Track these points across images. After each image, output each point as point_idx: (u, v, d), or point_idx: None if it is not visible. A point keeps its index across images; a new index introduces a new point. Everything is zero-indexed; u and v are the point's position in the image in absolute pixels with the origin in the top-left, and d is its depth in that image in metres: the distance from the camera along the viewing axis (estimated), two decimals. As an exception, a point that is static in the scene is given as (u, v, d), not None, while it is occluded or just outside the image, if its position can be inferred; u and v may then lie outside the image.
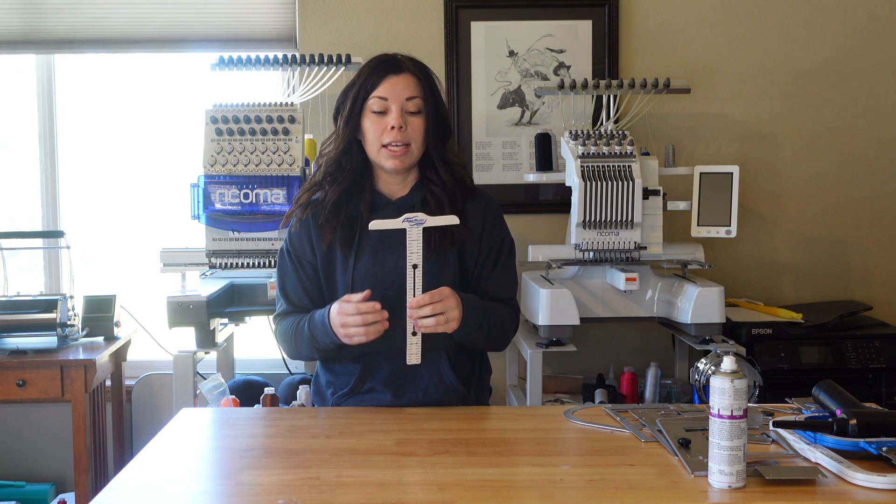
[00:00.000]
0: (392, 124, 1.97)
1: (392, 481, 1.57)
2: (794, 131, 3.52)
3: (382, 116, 1.99)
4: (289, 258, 2.11)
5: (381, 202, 2.07)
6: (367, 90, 2.00)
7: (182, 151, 3.59)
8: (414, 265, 1.92)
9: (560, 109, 3.39)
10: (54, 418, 3.56)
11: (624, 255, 2.91)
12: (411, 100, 1.99)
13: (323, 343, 2.00)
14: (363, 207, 2.05)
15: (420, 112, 2.01)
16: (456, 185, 2.06)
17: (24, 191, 3.70)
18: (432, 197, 2.05)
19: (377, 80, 2.00)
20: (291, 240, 2.10)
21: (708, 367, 1.90)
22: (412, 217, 1.92)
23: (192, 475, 1.66)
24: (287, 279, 2.11)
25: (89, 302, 3.31)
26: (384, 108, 1.99)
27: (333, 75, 3.08)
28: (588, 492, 1.53)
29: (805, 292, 3.55)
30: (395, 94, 1.98)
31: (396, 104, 1.98)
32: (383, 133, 1.99)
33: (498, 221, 2.13)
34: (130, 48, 3.53)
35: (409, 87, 1.99)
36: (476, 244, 2.08)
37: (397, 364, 2.00)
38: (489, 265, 2.11)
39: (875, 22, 3.50)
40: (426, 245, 1.95)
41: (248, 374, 3.29)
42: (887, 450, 1.57)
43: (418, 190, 2.08)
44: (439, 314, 1.91)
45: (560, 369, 3.41)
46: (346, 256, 2.03)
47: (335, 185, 2.06)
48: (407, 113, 1.99)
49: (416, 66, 2.04)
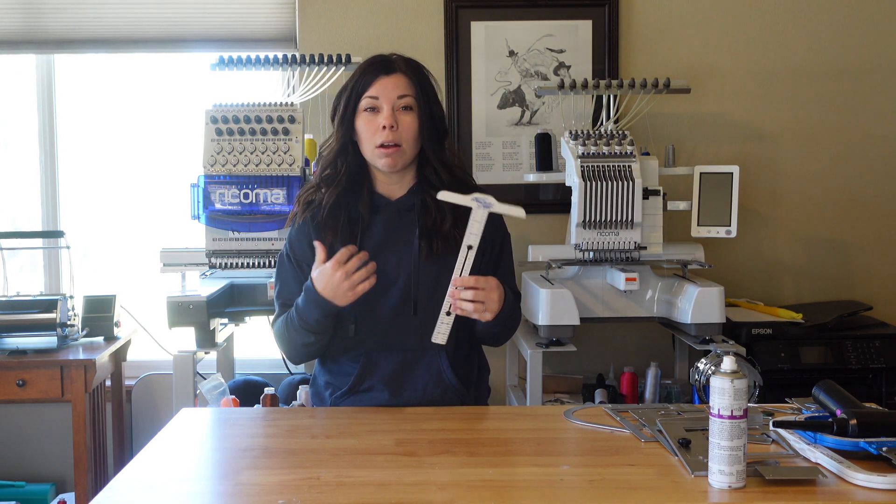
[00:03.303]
0: (383, 123, 1.98)
1: (392, 481, 1.57)
2: (794, 131, 3.53)
3: (374, 116, 2.00)
4: (289, 262, 2.11)
5: (380, 203, 2.08)
6: (360, 91, 2.01)
7: (182, 151, 3.59)
8: (469, 246, 1.93)
9: (560, 109, 3.39)
10: (54, 418, 3.56)
11: (624, 255, 2.91)
12: (402, 98, 2.00)
13: (313, 318, 1.97)
14: (363, 209, 2.05)
15: (411, 110, 2.01)
16: (456, 186, 2.04)
17: (24, 191, 3.70)
18: (430, 198, 2.04)
19: (369, 80, 2.00)
20: (291, 243, 2.11)
21: (708, 367, 1.90)
22: (481, 198, 1.95)
23: (192, 475, 1.66)
24: (286, 283, 2.10)
25: (89, 302, 3.31)
26: (376, 107, 1.99)
27: (333, 75, 3.08)
28: (588, 492, 1.53)
29: (805, 292, 3.55)
30: (386, 94, 1.99)
31: (388, 103, 1.99)
32: (376, 133, 1.99)
33: (497, 220, 2.12)
34: (130, 48, 3.53)
35: (400, 86, 2.00)
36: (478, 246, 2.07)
37: (396, 363, 2.02)
38: (492, 264, 2.12)
39: (875, 22, 3.50)
40: (428, 249, 1.97)
41: (248, 374, 3.29)
42: (887, 450, 1.57)
43: (417, 190, 2.08)
44: (479, 302, 1.91)
45: (560, 369, 3.41)
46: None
47: (332, 188, 2.06)
48: (398, 111, 2.00)
49: (409, 66, 2.04)
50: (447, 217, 2.03)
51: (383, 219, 2.06)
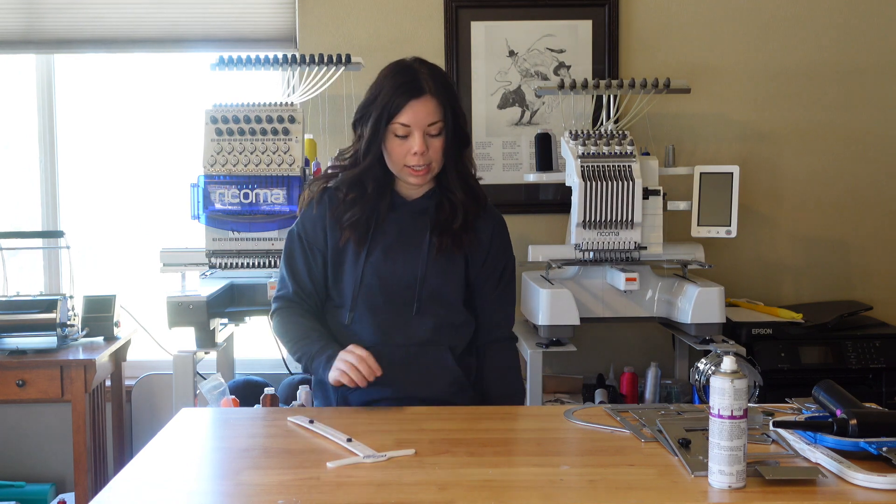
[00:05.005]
0: (415, 150, 2.02)
1: (392, 481, 1.57)
2: (794, 131, 3.52)
3: (405, 140, 2.03)
4: (299, 241, 2.15)
5: (398, 202, 2.13)
6: (391, 114, 2.03)
7: (182, 151, 3.59)
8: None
9: (560, 109, 3.39)
10: (54, 418, 3.56)
11: (624, 255, 2.91)
12: (433, 125, 2.04)
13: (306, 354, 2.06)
14: (382, 207, 2.10)
15: (440, 134, 2.05)
16: (469, 194, 2.12)
17: (24, 191, 3.70)
18: (447, 201, 2.11)
19: (400, 103, 2.02)
20: (305, 225, 2.15)
21: (708, 367, 1.90)
22: None
23: (192, 475, 1.66)
24: (295, 261, 2.14)
25: (89, 302, 3.31)
26: (406, 133, 2.03)
27: (333, 75, 3.08)
28: (588, 492, 1.53)
29: (805, 292, 3.55)
30: (418, 122, 2.02)
31: (419, 131, 2.02)
32: (406, 155, 2.04)
33: (505, 242, 2.21)
34: (130, 48, 3.53)
35: (431, 112, 2.02)
36: (482, 257, 2.15)
37: (401, 356, 2.05)
38: (491, 284, 2.17)
39: (875, 22, 3.50)
40: (439, 245, 2.07)
41: (248, 374, 3.29)
42: (887, 450, 1.57)
43: (434, 193, 2.13)
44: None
45: (560, 369, 3.41)
46: (358, 252, 2.08)
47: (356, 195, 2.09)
48: (427, 136, 2.04)
49: (437, 85, 2.05)
50: (458, 217, 2.09)
51: (397, 217, 2.11)
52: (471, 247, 2.12)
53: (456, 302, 2.12)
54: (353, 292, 2.08)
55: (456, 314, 2.12)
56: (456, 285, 2.11)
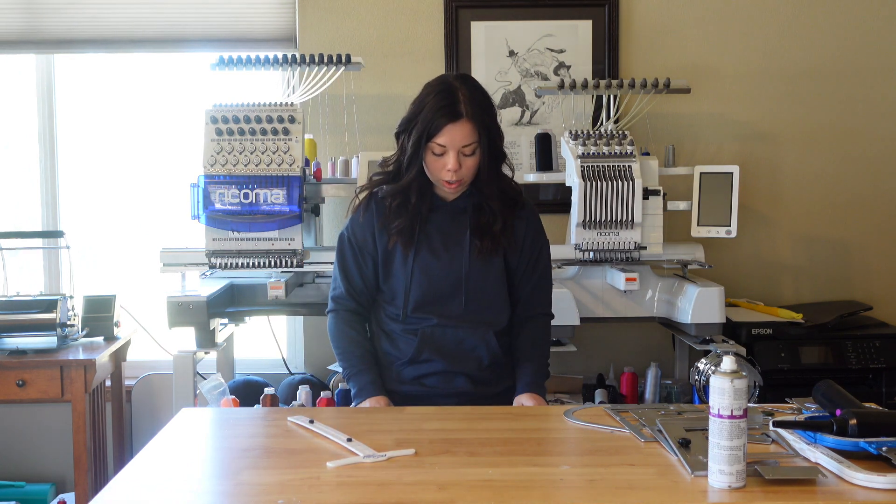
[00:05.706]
0: (449, 167, 2.16)
1: (392, 481, 1.57)
2: (794, 131, 3.52)
3: (441, 158, 2.17)
4: (349, 246, 2.30)
5: (438, 203, 2.28)
6: (430, 134, 2.16)
7: (182, 151, 3.59)
8: None
9: (560, 109, 3.39)
10: (54, 418, 3.56)
11: (624, 255, 2.91)
12: (467, 146, 2.16)
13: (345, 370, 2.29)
14: (424, 209, 2.25)
15: (474, 154, 2.18)
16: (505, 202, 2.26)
17: (24, 191, 3.70)
18: (486, 206, 2.25)
19: (438, 125, 2.14)
20: (354, 230, 2.30)
21: (708, 367, 1.90)
22: None
23: (192, 475, 1.66)
24: (347, 263, 2.31)
25: (89, 302, 3.31)
26: (443, 152, 2.16)
27: (333, 75, 3.08)
28: (588, 492, 1.53)
29: (805, 292, 3.55)
30: (454, 144, 2.15)
31: (454, 151, 2.16)
32: (441, 170, 2.18)
33: (539, 231, 2.34)
34: (130, 48, 3.53)
35: (466, 136, 2.15)
36: (518, 251, 2.29)
37: (451, 337, 2.24)
38: (529, 272, 2.32)
39: (875, 22, 3.50)
40: (480, 247, 2.22)
41: (248, 374, 3.30)
42: (887, 450, 1.57)
43: (471, 194, 2.26)
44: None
45: (560, 369, 3.41)
46: (405, 254, 2.24)
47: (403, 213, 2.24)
48: (462, 155, 2.16)
49: (474, 108, 2.16)
50: (497, 220, 2.24)
51: (438, 217, 2.26)
52: (509, 244, 2.27)
53: (498, 294, 2.28)
54: (405, 289, 2.24)
55: (499, 304, 2.28)
56: (497, 280, 2.27)
